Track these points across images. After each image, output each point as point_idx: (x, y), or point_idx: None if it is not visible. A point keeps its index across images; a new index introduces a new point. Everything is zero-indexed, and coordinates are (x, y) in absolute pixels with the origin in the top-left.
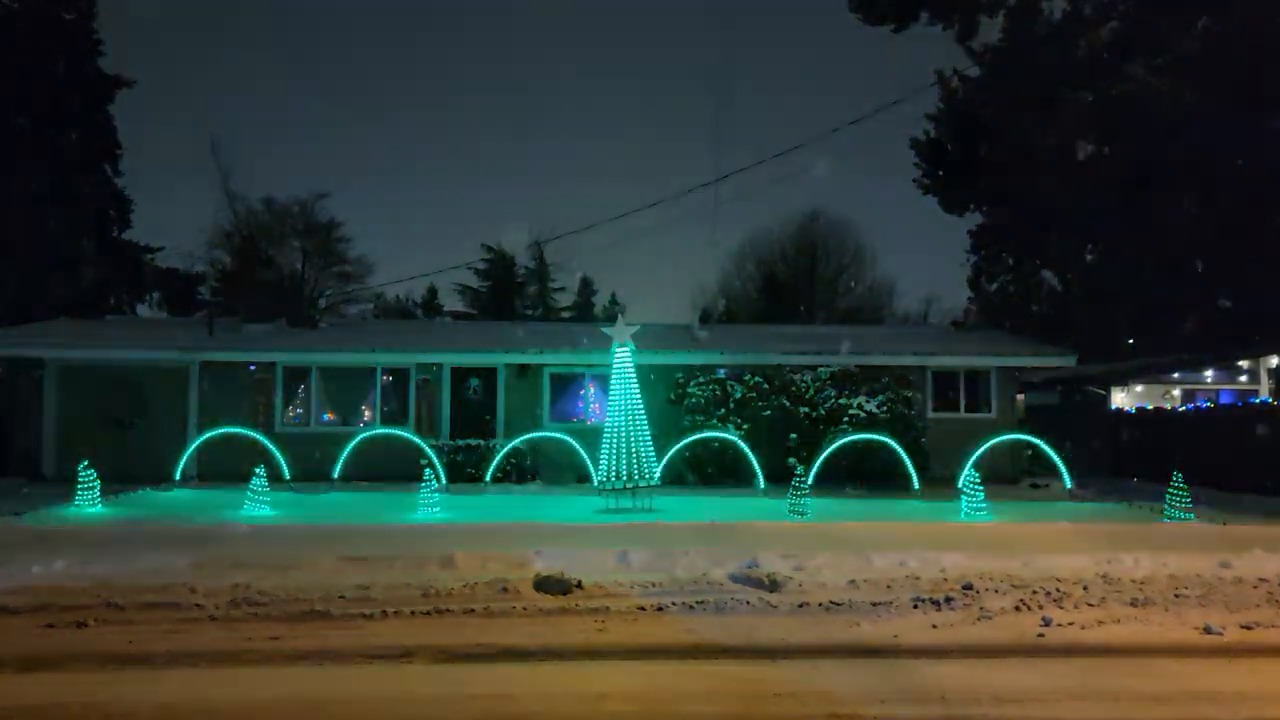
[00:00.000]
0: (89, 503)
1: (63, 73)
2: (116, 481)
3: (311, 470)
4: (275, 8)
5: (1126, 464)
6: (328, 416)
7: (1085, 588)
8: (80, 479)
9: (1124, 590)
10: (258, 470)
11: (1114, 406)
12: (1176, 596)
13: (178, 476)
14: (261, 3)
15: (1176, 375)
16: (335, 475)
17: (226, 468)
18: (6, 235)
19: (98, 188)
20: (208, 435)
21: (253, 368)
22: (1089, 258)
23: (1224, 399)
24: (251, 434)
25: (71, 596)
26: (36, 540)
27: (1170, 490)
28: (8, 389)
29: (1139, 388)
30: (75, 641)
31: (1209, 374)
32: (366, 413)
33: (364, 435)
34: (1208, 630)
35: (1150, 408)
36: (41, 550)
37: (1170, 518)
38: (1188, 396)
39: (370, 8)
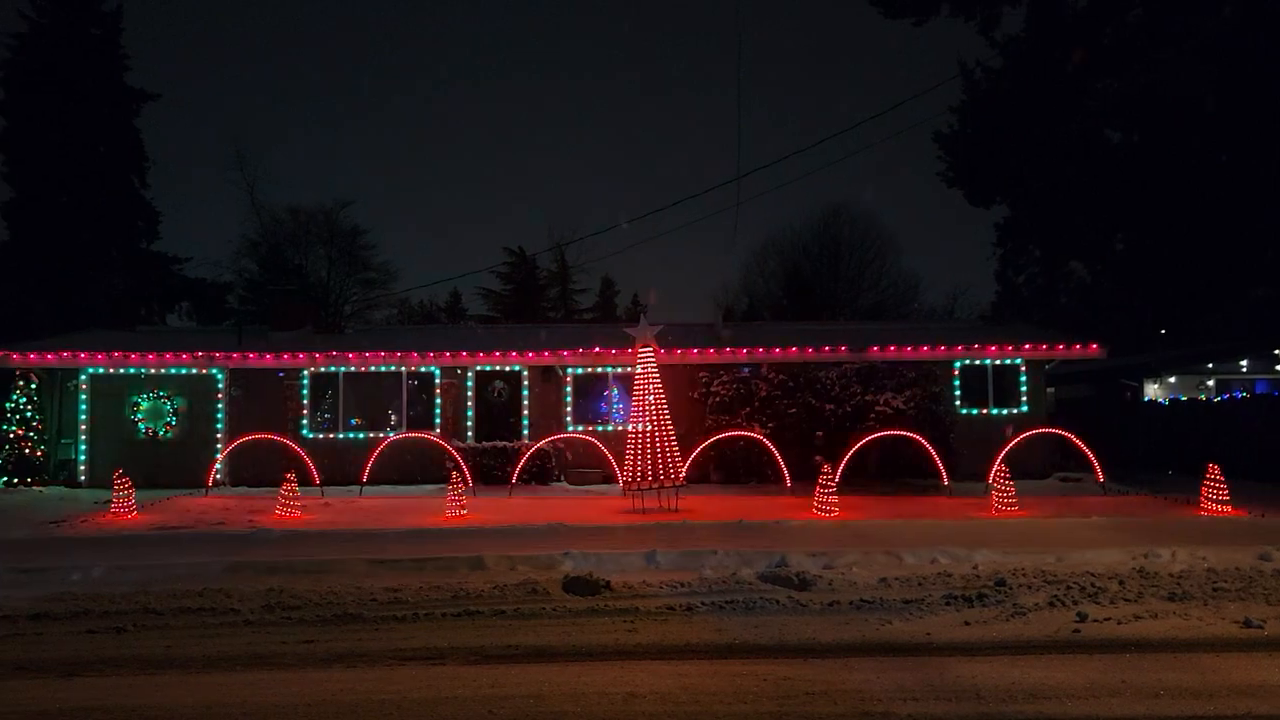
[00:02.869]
0: (124, 509)
1: (90, 88)
2: (150, 488)
3: (340, 474)
4: (297, 19)
5: (1160, 457)
6: (355, 421)
7: (1121, 582)
8: (115, 486)
9: (1161, 584)
10: (288, 475)
11: (1147, 398)
12: (1215, 590)
13: (210, 482)
14: (283, 14)
15: (1210, 366)
16: (364, 479)
17: (257, 473)
18: (39, 248)
19: (126, 200)
20: (239, 442)
21: (281, 374)
22: (1118, 248)
23: (1260, 389)
24: (281, 440)
25: (110, 602)
26: (75, 547)
27: (1206, 482)
28: (44, 399)
29: (1172, 379)
30: (114, 646)
31: (1244, 364)
32: (393, 417)
33: (391, 439)
34: (1248, 624)
35: (1184, 399)
36: (80, 557)
37: (1207, 510)
38: (1222, 387)
39: (389, 16)
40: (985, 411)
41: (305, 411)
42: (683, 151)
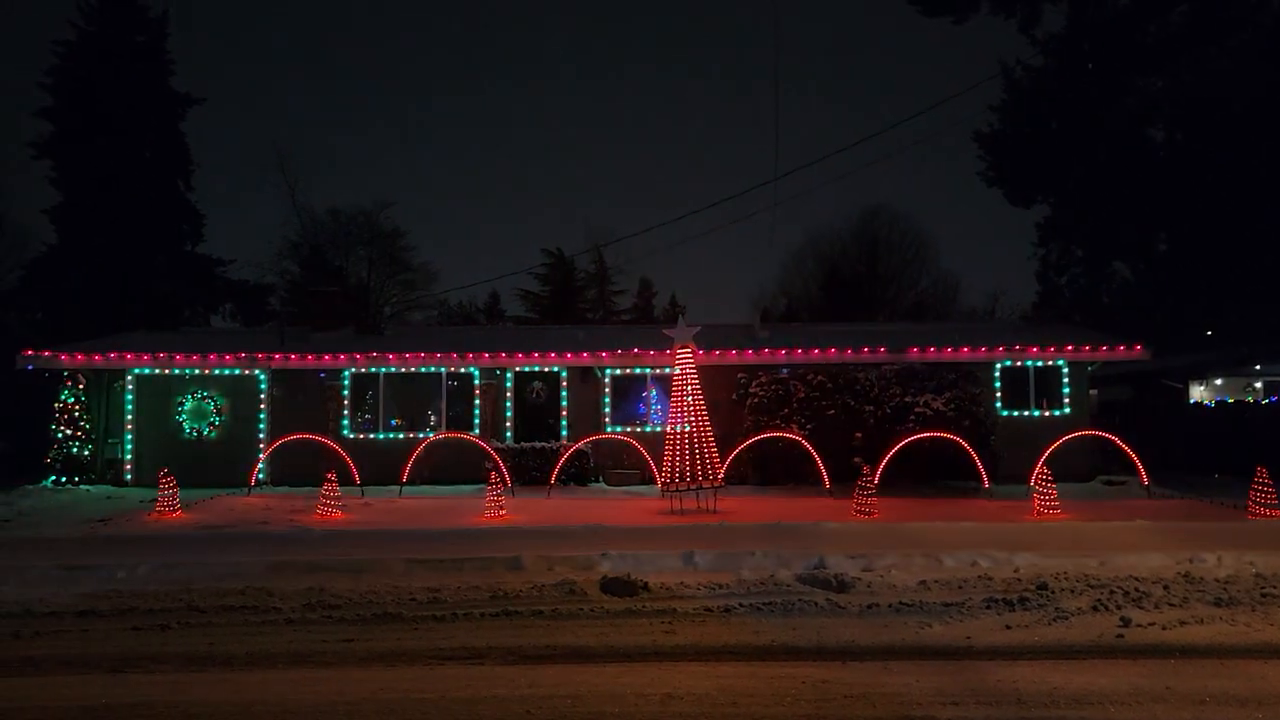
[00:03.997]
0: (169, 508)
1: (136, 94)
2: (194, 487)
3: (380, 474)
4: (336, 22)
5: (1206, 460)
6: (395, 422)
7: (1166, 587)
8: (160, 485)
9: (1207, 589)
10: (329, 475)
11: (1192, 400)
12: (1264, 596)
13: (252, 482)
14: (325, 18)
15: (1258, 367)
16: (403, 479)
17: (299, 473)
18: (85, 252)
19: (171, 203)
20: (280, 442)
21: (322, 375)
22: (1161, 248)
23: None
24: (322, 440)
25: (154, 600)
26: (121, 546)
27: (1254, 486)
28: (90, 399)
29: (1218, 380)
30: (158, 643)
31: None
32: (433, 418)
33: (431, 440)
34: None
35: (1230, 401)
36: (126, 555)
37: (1254, 514)
38: (1270, 389)
39: (428, 19)
40: (1027, 413)
41: (346, 412)
42: (721, 153)
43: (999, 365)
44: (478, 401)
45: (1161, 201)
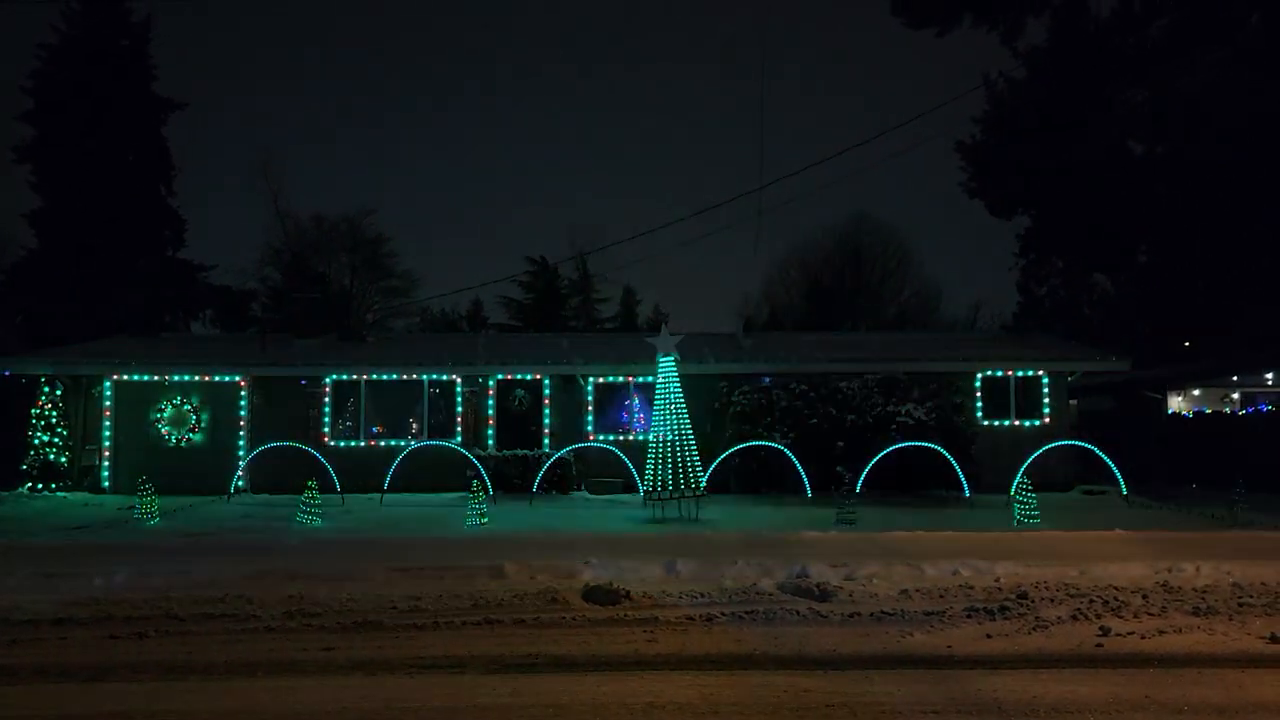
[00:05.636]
0: (148, 516)
1: (119, 98)
2: (172, 494)
3: (361, 482)
4: (320, 28)
5: (1184, 470)
6: (377, 429)
7: (1145, 596)
8: (139, 493)
9: (1185, 599)
10: (309, 483)
11: (1171, 411)
12: (1241, 605)
13: (232, 490)
14: (306, 24)
15: (1235, 379)
16: (385, 487)
17: (279, 481)
18: (66, 256)
19: (153, 208)
20: (261, 449)
21: (304, 382)
22: (1141, 260)
23: None
24: (303, 447)
25: (133, 608)
26: (99, 553)
27: (1231, 497)
28: (69, 405)
29: (1196, 391)
30: (136, 651)
31: (1269, 377)
32: (414, 425)
33: (412, 447)
34: (1274, 639)
35: (1208, 412)
36: (104, 563)
37: (1232, 524)
38: (1247, 400)
39: (412, 23)
40: (1007, 423)
41: (327, 419)
42: (705, 162)
43: (980, 375)
44: (460, 409)
45: (1140, 214)
